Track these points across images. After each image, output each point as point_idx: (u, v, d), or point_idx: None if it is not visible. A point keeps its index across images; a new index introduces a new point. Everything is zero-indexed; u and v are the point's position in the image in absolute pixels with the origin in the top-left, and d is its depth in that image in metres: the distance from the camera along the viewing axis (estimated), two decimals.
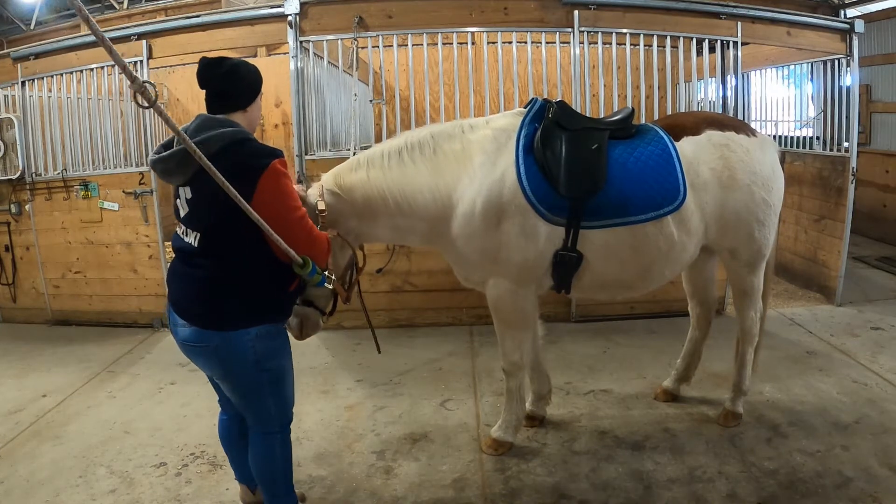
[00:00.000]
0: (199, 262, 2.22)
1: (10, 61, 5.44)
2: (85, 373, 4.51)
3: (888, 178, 7.60)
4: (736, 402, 3.46)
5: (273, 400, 2.39)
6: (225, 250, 2.20)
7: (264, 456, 2.45)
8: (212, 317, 2.22)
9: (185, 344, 2.30)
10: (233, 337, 2.22)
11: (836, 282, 5.49)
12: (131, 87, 1.66)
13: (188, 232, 2.24)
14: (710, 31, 5.01)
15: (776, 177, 3.18)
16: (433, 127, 3.02)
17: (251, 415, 2.43)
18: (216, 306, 2.22)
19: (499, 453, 3.23)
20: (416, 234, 2.99)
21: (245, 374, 2.30)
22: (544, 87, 4.97)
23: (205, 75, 2.25)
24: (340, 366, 4.48)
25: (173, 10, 8.90)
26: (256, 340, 2.26)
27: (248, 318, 2.24)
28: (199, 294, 2.23)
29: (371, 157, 2.89)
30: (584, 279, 3.00)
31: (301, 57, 4.84)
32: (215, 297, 2.22)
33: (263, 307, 2.29)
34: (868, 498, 2.76)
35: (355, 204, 2.83)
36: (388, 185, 2.83)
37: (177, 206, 2.29)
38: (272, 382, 2.36)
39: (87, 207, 5.38)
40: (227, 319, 2.22)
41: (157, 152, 2.22)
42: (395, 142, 2.95)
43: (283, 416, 2.46)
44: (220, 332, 2.22)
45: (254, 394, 2.36)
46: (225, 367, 2.29)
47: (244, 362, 2.27)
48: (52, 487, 3.06)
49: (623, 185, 2.86)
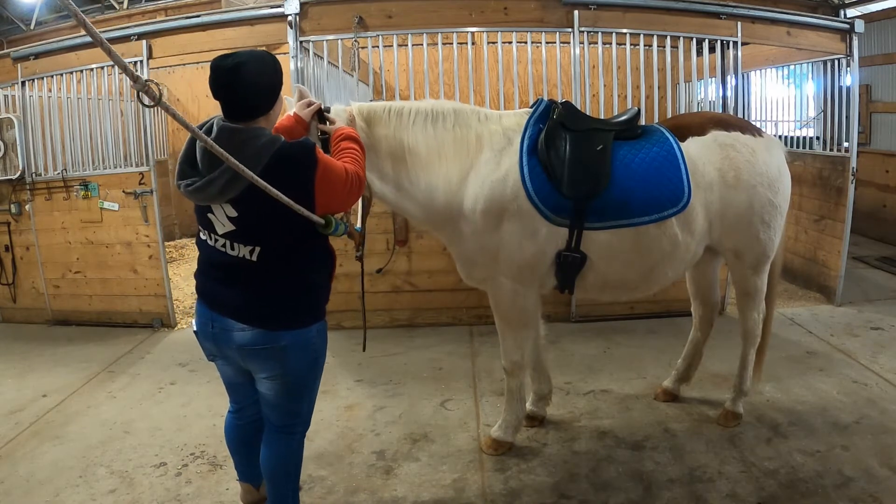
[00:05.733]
0: (259, 271, 2.20)
1: (10, 61, 5.44)
2: (85, 373, 4.51)
3: (888, 178, 7.60)
4: (736, 402, 3.46)
5: (309, 399, 2.46)
6: (286, 255, 2.21)
7: (283, 455, 2.47)
8: (283, 317, 2.24)
9: (245, 348, 2.26)
10: (302, 334, 2.28)
11: (836, 282, 5.49)
12: (134, 87, 1.58)
13: (236, 246, 2.19)
14: (710, 31, 5.01)
15: (782, 178, 3.16)
16: (456, 105, 2.98)
17: (284, 415, 2.43)
18: (284, 308, 2.24)
19: (499, 453, 3.23)
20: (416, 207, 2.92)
21: (303, 370, 2.35)
22: (544, 88, 4.97)
23: (221, 82, 2.05)
24: (340, 366, 4.48)
25: (173, 10, 8.90)
26: (317, 336, 2.34)
27: (314, 314, 2.32)
28: (265, 298, 2.22)
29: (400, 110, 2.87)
30: (588, 280, 3.00)
31: (301, 57, 4.83)
32: (282, 299, 2.23)
33: (322, 301, 2.36)
34: (868, 498, 2.76)
35: (378, 145, 2.81)
36: (410, 143, 2.82)
37: (208, 221, 2.21)
38: (314, 379, 2.44)
39: (87, 207, 5.38)
40: (298, 318, 2.27)
41: (184, 175, 2.10)
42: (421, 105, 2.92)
43: (309, 416, 2.52)
44: (291, 330, 2.25)
45: (301, 391, 2.40)
46: (287, 365, 2.29)
47: (306, 359, 2.33)
48: (52, 487, 3.06)
49: (627, 186, 2.85)
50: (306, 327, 2.29)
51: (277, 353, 2.26)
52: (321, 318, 2.36)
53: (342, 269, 5.11)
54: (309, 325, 2.30)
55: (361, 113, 2.81)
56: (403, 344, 4.85)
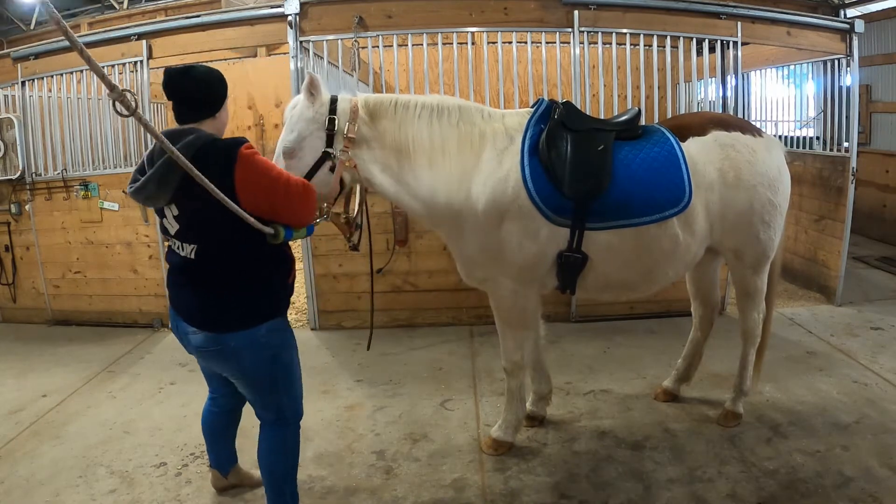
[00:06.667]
0: (200, 272, 2.28)
1: (10, 61, 5.44)
2: (85, 373, 4.51)
3: (888, 178, 7.60)
4: (736, 402, 3.46)
5: (286, 393, 2.48)
6: (223, 255, 2.26)
7: (275, 449, 2.51)
8: (224, 320, 2.28)
9: (200, 350, 2.37)
10: (247, 336, 2.30)
11: (836, 282, 5.49)
12: (110, 96, 1.66)
13: (183, 246, 2.29)
14: (710, 31, 5.01)
15: (782, 178, 3.16)
16: (461, 102, 2.97)
17: (266, 409, 2.49)
18: (226, 309, 2.28)
19: (499, 453, 3.23)
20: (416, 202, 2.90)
21: (262, 369, 2.38)
22: (544, 87, 4.98)
23: (174, 85, 2.26)
24: (340, 366, 4.48)
25: (173, 10, 8.91)
26: (269, 336, 2.34)
27: (261, 315, 2.32)
28: (208, 301, 2.29)
29: (406, 103, 2.87)
30: (589, 280, 2.99)
31: (301, 57, 4.84)
32: (223, 300, 2.29)
33: (269, 303, 2.35)
34: (868, 498, 2.76)
35: (383, 137, 2.81)
36: (414, 137, 2.82)
37: (164, 225, 2.34)
38: (284, 376, 2.45)
39: (87, 207, 5.38)
40: (240, 320, 2.29)
41: (134, 181, 2.25)
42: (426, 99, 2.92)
43: (296, 407, 2.54)
44: (236, 332, 2.28)
45: (270, 388, 2.44)
46: (243, 365, 2.36)
47: (260, 358, 2.35)
48: (52, 487, 3.06)
49: (628, 187, 2.85)
50: (253, 328, 2.30)
51: (229, 354, 2.33)
52: (273, 316, 2.35)
53: (342, 269, 5.18)
54: (256, 326, 2.30)
55: (367, 105, 2.82)
56: (403, 344, 4.85)
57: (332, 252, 5.12)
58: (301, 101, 2.74)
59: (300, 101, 2.75)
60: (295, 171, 2.61)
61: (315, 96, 2.72)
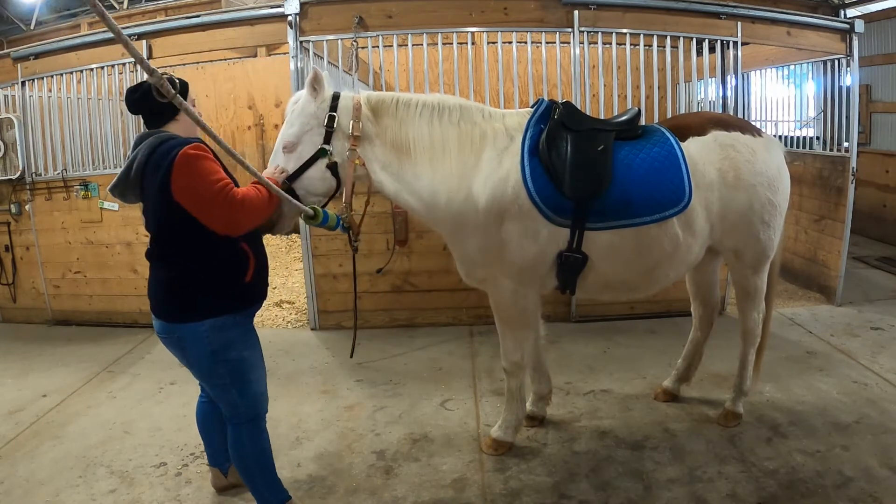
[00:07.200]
0: (156, 263, 2.48)
1: (10, 61, 5.44)
2: (85, 373, 4.51)
3: (888, 178, 7.60)
4: (736, 402, 3.46)
5: (237, 391, 2.52)
6: (171, 250, 2.41)
7: (233, 445, 2.61)
8: (170, 310, 2.43)
9: (159, 336, 2.53)
10: (188, 329, 2.41)
11: (836, 282, 5.49)
12: (150, 80, 1.81)
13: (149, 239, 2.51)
14: (710, 31, 5.01)
15: (782, 178, 3.16)
16: (462, 101, 2.97)
17: (223, 405, 2.59)
18: (172, 301, 2.43)
19: (499, 453, 3.23)
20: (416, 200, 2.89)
21: (204, 364, 2.48)
22: (544, 87, 4.98)
23: (128, 103, 2.48)
24: (340, 366, 4.48)
25: (173, 10, 8.89)
26: (210, 332, 2.41)
27: (199, 312, 2.40)
28: (159, 290, 2.46)
29: (408, 102, 2.87)
30: (589, 280, 2.99)
31: (301, 57, 4.84)
32: (170, 292, 2.43)
33: (213, 301, 2.42)
34: (868, 498, 2.76)
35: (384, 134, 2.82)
36: (415, 135, 2.83)
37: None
38: (233, 374, 2.49)
39: (87, 207, 5.38)
40: (183, 313, 2.41)
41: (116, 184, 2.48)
42: (428, 98, 2.92)
43: (250, 408, 2.56)
44: (178, 324, 2.42)
45: (216, 384, 2.52)
46: (187, 357, 2.49)
47: (201, 353, 2.44)
48: (52, 487, 3.06)
49: (628, 187, 2.84)
50: (196, 322, 2.39)
51: (176, 343, 2.47)
52: (219, 314, 2.41)
53: (342, 269, 5.17)
54: (199, 321, 2.39)
55: (369, 102, 2.83)
56: (403, 344, 4.85)
57: (332, 252, 5.12)
58: (304, 95, 2.76)
59: (303, 96, 2.76)
60: (290, 164, 2.69)
61: (318, 91, 2.73)
